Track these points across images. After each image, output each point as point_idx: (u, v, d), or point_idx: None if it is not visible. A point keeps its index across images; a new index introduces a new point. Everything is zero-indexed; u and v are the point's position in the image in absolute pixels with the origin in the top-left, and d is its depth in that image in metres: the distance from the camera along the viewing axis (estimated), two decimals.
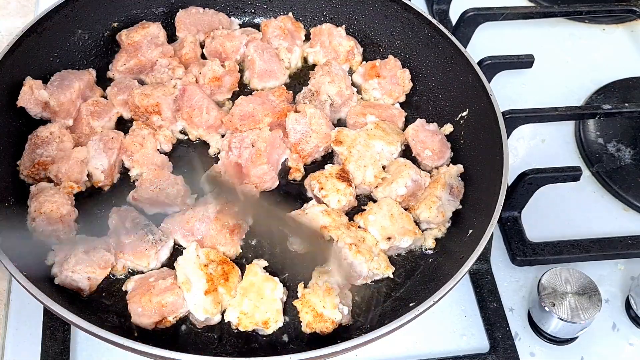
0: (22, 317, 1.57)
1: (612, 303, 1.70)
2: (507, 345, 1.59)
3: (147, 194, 1.61)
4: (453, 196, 1.67)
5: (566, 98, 2.12)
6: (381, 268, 1.55)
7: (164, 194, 1.61)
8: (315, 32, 1.98)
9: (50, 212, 1.55)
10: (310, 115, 1.73)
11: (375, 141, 1.73)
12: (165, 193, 1.62)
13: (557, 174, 1.71)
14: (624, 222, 1.85)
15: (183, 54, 1.89)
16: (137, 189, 1.64)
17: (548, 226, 1.81)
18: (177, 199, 1.62)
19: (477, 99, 1.72)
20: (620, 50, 2.29)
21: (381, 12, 1.95)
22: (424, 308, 1.36)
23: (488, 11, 2.11)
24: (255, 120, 1.75)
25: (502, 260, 1.75)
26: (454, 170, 1.70)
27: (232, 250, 1.58)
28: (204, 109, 1.76)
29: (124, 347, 1.30)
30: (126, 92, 1.78)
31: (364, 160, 1.70)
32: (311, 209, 1.62)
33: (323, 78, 1.82)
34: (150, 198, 1.61)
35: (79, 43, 1.85)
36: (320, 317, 1.45)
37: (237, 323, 1.45)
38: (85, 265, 1.48)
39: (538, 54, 2.03)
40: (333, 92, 1.81)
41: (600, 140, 2.00)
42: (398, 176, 1.67)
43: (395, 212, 1.63)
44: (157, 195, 1.61)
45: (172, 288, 1.46)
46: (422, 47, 1.89)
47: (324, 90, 1.80)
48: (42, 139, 1.67)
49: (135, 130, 1.74)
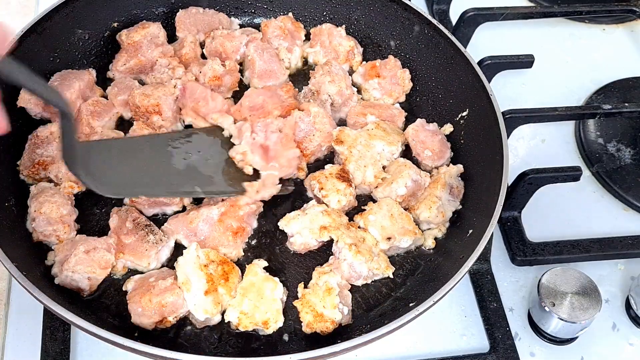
0: (22, 317, 1.58)
1: (612, 303, 1.70)
2: (507, 345, 1.59)
3: None
4: (453, 196, 1.67)
5: (566, 98, 2.12)
6: (381, 268, 1.55)
7: None
8: (315, 32, 1.98)
9: (50, 212, 1.55)
10: (315, 113, 1.73)
11: (376, 141, 1.73)
12: None
13: (557, 174, 1.71)
14: (624, 222, 1.86)
15: (183, 54, 1.89)
16: None
17: (548, 226, 1.82)
18: (176, 198, 1.62)
19: (477, 99, 1.72)
20: (620, 50, 2.29)
21: (381, 12, 1.95)
22: (424, 308, 1.36)
23: (488, 11, 2.11)
24: (265, 112, 1.75)
25: (502, 260, 1.75)
26: (454, 170, 1.70)
27: (235, 253, 1.58)
28: (208, 98, 1.76)
29: (124, 347, 1.30)
30: (126, 92, 1.78)
31: (364, 160, 1.70)
32: (311, 209, 1.62)
33: (323, 77, 1.82)
34: (148, 199, 1.61)
35: (79, 43, 1.85)
36: (321, 317, 1.45)
37: (237, 323, 1.45)
38: (85, 265, 1.48)
39: (538, 54, 2.03)
40: (333, 92, 1.81)
41: (600, 140, 2.00)
42: (398, 176, 1.67)
43: (395, 212, 1.63)
44: None
45: (172, 288, 1.46)
46: (422, 47, 1.90)
47: (324, 89, 1.80)
48: (42, 139, 1.67)
49: (136, 130, 1.74)
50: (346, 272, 1.54)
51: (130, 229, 1.55)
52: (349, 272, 1.54)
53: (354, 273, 1.54)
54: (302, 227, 1.58)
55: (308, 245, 1.60)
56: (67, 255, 1.50)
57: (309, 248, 1.61)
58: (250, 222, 1.64)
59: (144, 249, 1.54)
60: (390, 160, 1.74)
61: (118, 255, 1.54)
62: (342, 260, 1.54)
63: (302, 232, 1.58)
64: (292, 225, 1.59)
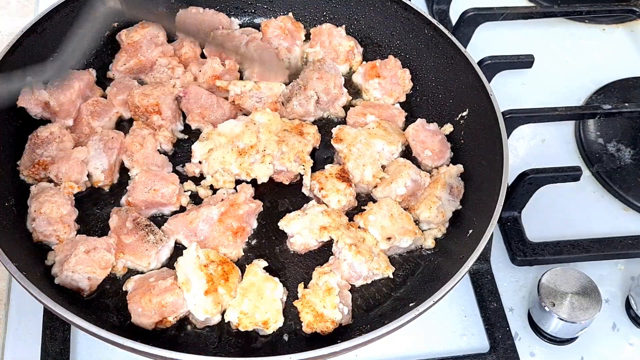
0: (22, 317, 1.58)
1: (612, 303, 1.70)
2: (507, 345, 1.59)
3: (142, 197, 1.61)
4: (453, 196, 1.67)
5: (566, 98, 2.12)
6: (381, 268, 1.55)
7: (159, 194, 1.61)
8: (315, 32, 1.98)
9: (50, 212, 1.55)
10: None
11: (376, 140, 1.73)
12: (160, 193, 1.61)
13: (557, 174, 1.71)
14: (624, 222, 1.85)
15: (183, 54, 1.89)
16: (129, 192, 1.63)
17: (548, 226, 1.82)
18: (173, 198, 1.62)
19: (477, 99, 1.72)
20: (620, 50, 2.29)
21: (381, 12, 1.95)
22: (424, 308, 1.36)
23: (488, 11, 2.11)
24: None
25: (502, 260, 1.75)
26: (454, 170, 1.70)
27: (234, 253, 1.58)
28: (215, 105, 1.78)
29: (124, 347, 1.30)
30: (126, 92, 1.78)
31: (364, 159, 1.70)
32: (311, 209, 1.62)
33: (312, 73, 1.82)
34: (145, 200, 1.61)
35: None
36: (321, 317, 1.45)
37: (237, 323, 1.45)
38: (85, 265, 1.48)
39: (538, 54, 2.03)
40: (320, 89, 1.80)
41: (600, 140, 2.00)
42: (398, 176, 1.67)
43: (395, 212, 1.63)
44: (153, 197, 1.61)
45: (172, 288, 1.46)
46: (422, 47, 1.90)
47: (311, 85, 1.80)
48: (42, 139, 1.67)
49: (136, 130, 1.74)
50: (346, 272, 1.54)
51: (130, 229, 1.55)
52: (349, 272, 1.54)
53: (354, 273, 1.54)
54: (302, 227, 1.58)
55: (308, 245, 1.60)
56: (67, 255, 1.50)
57: (309, 248, 1.61)
58: (250, 222, 1.64)
59: (144, 249, 1.54)
60: (390, 160, 1.74)
61: (118, 255, 1.54)
62: (342, 260, 1.54)
63: (302, 233, 1.58)
64: (292, 226, 1.60)
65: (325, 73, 1.82)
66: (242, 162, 1.67)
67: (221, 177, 1.67)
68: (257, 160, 1.68)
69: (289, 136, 1.70)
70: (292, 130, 1.73)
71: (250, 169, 1.67)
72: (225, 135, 1.70)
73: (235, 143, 1.68)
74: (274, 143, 1.69)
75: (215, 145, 1.69)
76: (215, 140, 1.69)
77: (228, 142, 1.69)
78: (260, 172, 1.67)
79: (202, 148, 1.69)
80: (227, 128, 1.72)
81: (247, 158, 1.67)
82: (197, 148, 1.70)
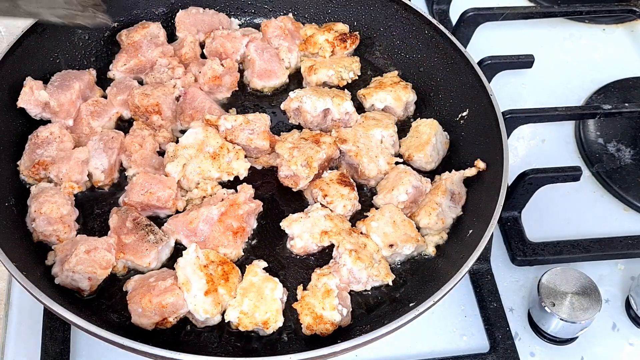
0: (22, 317, 1.58)
1: (612, 303, 1.70)
2: (507, 345, 1.59)
3: (138, 199, 1.60)
4: (454, 202, 1.66)
5: (566, 98, 2.12)
6: (381, 275, 1.54)
7: (155, 197, 1.61)
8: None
9: (50, 212, 1.55)
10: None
11: (372, 130, 1.73)
12: (156, 197, 1.61)
13: (557, 174, 1.71)
14: (624, 222, 1.86)
15: (183, 54, 1.89)
16: (127, 193, 1.63)
17: (548, 226, 1.82)
18: (169, 202, 1.62)
19: (477, 99, 1.72)
20: (620, 50, 2.29)
21: (381, 12, 1.95)
22: (424, 308, 1.36)
23: (488, 11, 2.11)
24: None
25: (502, 260, 1.75)
26: (456, 176, 1.69)
27: (234, 253, 1.58)
28: (205, 109, 1.77)
29: (124, 347, 1.30)
30: (126, 92, 1.78)
31: (373, 150, 1.70)
32: (314, 212, 1.61)
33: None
34: (141, 202, 1.61)
35: (79, 43, 1.85)
36: (320, 318, 1.45)
37: (237, 323, 1.45)
38: (85, 265, 1.48)
39: (538, 54, 2.03)
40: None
41: (600, 140, 2.00)
42: (399, 183, 1.66)
43: (398, 219, 1.61)
44: (149, 200, 1.60)
45: (173, 289, 1.46)
46: (422, 47, 1.90)
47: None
48: (42, 139, 1.67)
49: (136, 130, 1.74)
50: (345, 277, 1.53)
51: (131, 229, 1.55)
52: (348, 277, 1.53)
53: (353, 278, 1.53)
54: (304, 230, 1.58)
55: (308, 249, 1.59)
56: (68, 255, 1.50)
57: (309, 252, 1.61)
58: (250, 222, 1.64)
59: (144, 248, 1.54)
60: (392, 144, 1.74)
61: (118, 255, 1.53)
62: (341, 265, 1.53)
63: (303, 236, 1.58)
64: (294, 227, 1.59)
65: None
66: (219, 164, 1.67)
67: (205, 185, 1.67)
68: (232, 158, 1.68)
69: (304, 143, 1.70)
70: (309, 139, 1.72)
71: (230, 168, 1.68)
72: (192, 146, 1.68)
73: (205, 150, 1.68)
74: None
75: (186, 158, 1.67)
76: (184, 154, 1.67)
77: (198, 151, 1.67)
78: (239, 168, 1.68)
79: (176, 167, 1.66)
80: (190, 139, 1.69)
81: (222, 159, 1.67)
82: (171, 168, 1.65)
